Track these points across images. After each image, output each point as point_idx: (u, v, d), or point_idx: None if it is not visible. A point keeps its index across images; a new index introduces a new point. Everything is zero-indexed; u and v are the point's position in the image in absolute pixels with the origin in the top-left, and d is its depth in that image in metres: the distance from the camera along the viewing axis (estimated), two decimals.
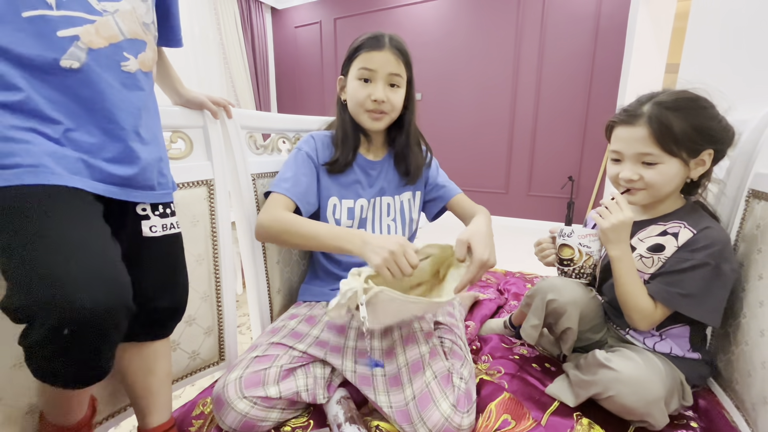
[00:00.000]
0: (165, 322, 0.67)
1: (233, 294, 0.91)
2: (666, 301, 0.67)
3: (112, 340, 0.48)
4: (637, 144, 0.67)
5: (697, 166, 0.67)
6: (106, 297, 0.45)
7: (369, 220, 0.90)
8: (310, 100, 4.33)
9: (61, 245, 0.45)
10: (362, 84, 0.82)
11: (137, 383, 0.67)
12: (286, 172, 0.84)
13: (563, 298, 0.74)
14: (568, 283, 0.75)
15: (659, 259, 0.70)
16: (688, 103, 0.65)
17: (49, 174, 0.48)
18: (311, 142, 0.88)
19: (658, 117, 0.65)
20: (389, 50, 0.80)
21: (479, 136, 3.44)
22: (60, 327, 0.42)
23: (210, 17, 3.66)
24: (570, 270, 0.74)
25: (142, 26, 0.59)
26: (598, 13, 2.81)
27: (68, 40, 0.50)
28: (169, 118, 0.78)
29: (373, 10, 3.68)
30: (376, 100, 0.81)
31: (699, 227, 0.67)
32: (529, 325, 0.80)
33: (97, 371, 0.49)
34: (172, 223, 0.65)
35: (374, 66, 0.80)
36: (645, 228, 0.74)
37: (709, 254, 0.65)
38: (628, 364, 0.63)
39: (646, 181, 0.68)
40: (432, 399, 0.63)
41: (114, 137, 0.55)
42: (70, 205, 0.49)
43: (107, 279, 0.47)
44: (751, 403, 0.65)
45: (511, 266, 1.70)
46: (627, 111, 0.70)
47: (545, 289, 0.77)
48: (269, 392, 0.67)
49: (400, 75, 0.82)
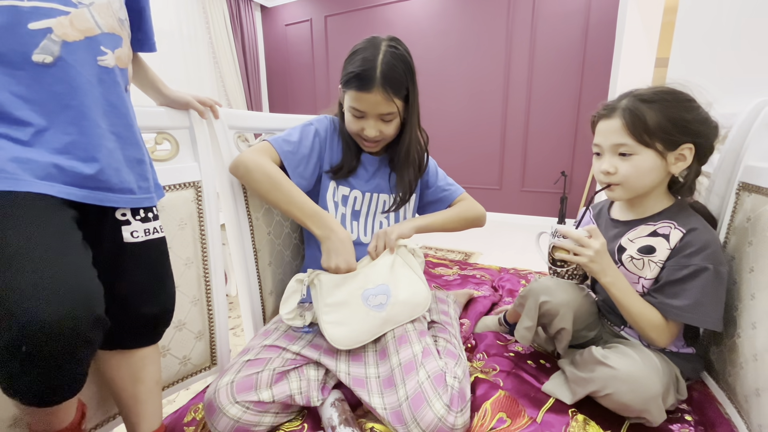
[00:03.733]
0: (152, 328, 0.66)
1: (224, 297, 0.90)
2: (677, 317, 0.66)
3: (78, 355, 0.44)
4: (613, 135, 0.68)
5: (677, 161, 0.67)
6: (67, 308, 0.41)
7: (363, 214, 0.90)
8: (302, 99, 4.30)
9: (15, 255, 0.41)
10: (355, 118, 0.81)
11: (125, 391, 0.65)
12: (292, 136, 0.83)
13: (556, 299, 0.74)
14: (561, 284, 0.75)
15: (653, 263, 0.69)
16: (664, 96, 0.66)
17: (11, 180, 0.45)
18: (325, 123, 0.88)
19: (631, 108, 0.66)
20: (378, 90, 0.75)
21: (472, 133, 3.44)
22: (15, 344, 0.39)
23: (198, 16, 3.61)
24: (563, 271, 0.74)
25: (118, 21, 0.57)
26: (588, 9, 2.82)
27: (40, 33, 0.48)
28: (154, 119, 0.76)
29: (364, 7, 3.66)
30: (367, 137, 0.81)
31: (687, 227, 0.68)
32: (522, 327, 0.79)
33: (64, 389, 0.46)
34: (155, 227, 0.63)
35: (363, 108, 0.78)
36: (634, 228, 0.74)
37: (706, 257, 0.65)
38: (625, 362, 0.63)
39: (621, 173, 0.68)
40: (425, 399, 0.62)
41: (90, 135, 0.52)
42: (31, 213, 0.45)
43: (70, 289, 0.43)
44: (744, 395, 0.65)
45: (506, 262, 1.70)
46: (606, 105, 0.71)
47: (537, 290, 0.77)
48: (262, 396, 0.66)
49: (391, 112, 0.79)
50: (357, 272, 0.76)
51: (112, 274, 0.56)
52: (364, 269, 0.78)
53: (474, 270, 1.48)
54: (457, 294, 1.14)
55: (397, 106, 0.79)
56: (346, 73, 0.78)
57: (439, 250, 2.64)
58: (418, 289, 0.80)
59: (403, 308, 0.77)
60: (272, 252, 0.97)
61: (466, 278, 1.38)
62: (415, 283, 0.81)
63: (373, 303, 0.75)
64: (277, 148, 0.80)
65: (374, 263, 0.79)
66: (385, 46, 0.76)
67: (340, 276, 0.75)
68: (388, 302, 0.76)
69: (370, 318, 0.74)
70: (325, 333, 0.73)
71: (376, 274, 0.78)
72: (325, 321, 0.73)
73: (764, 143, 0.69)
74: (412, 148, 0.88)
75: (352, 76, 0.76)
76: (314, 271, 0.75)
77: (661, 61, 3.03)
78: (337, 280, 0.75)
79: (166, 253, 0.67)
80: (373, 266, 0.79)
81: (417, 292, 0.80)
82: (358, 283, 0.76)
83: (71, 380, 0.46)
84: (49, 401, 0.47)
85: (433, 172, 0.99)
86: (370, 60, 0.75)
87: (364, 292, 0.75)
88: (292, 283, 0.75)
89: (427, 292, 0.81)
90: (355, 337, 0.74)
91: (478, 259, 2.48)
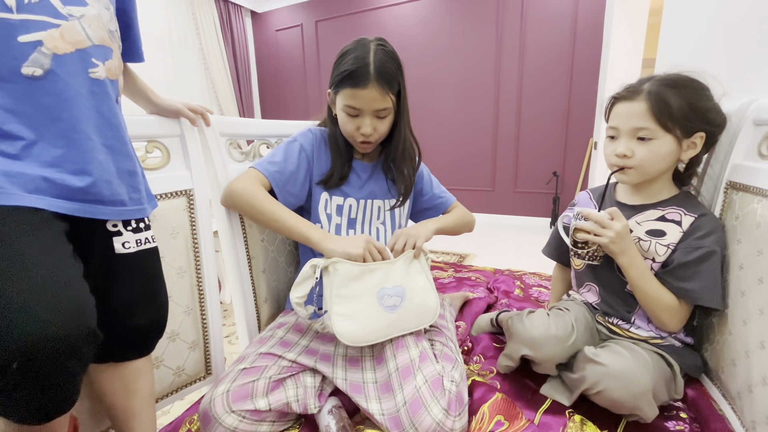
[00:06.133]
0: (144, 340, 0.65)
1: (218, 306, 0.89)
2: (691, 299, 0.68)
3: (71, 370, 0.43)
4: (635, 118, 0.68)
5: (689, 148, 0.69)
6: (59, 323, 0.41)
7: (359, 221, 0.89)
8: (294, 104, 4.30)
9: (5, 270, 0.41)
10: (350, 118, 0.81)
11: (118, 405, 0.64)
12: (276, 156, 0.83)
13: (541, 354, 0.71)
14: (549, 337, 0.71)
15: (662, 245, 0.71)
16: (686, 82, 0.68)
17: (0, 195, 0.44)
18: (309, 136, 0.87)
19: (656, 92, 0.67)
20: (374, 85, 0.75)
21: (464, 135, 3.46)
22: (5, 361, 0.38)
23: (188, 22, 3.59)
24: (584, 253, 0.74)
25: (108, 33, 0.57)
26: (575, 12, 2.86)
27: (30, 45, 0.47)
28: (144, 127, 0.76)
29: (355, 11, 3.67)
30: (364, 134, 0.81)
31: (697, 212, 0.70)
32: (503, 363, 0.79)
33: (56, 406, 0.44)
34: (147, 238, 0.63)
35: (359, 105, 0.78)
36: (642, 212, 0.75)
37: (715, 240, 0.68)
38: (615, 358, 0.64)
39: (639, 157, 0.69)
40: (423, 404, 0.62)
41: (80, 148, 0.52)
42: (21, 226, 0.45)
43: (62, 303, 0.42)
44: (737, 391, 0.66)
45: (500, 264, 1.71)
46: (629, 88, 0.71)
47: (522, 340, 0.73)
48: (258, 405, 0.65)
49: (386, 108, 0.79)
50: (377, 267, 0.74)
51: (104, 286, 0.55)
52: (384, 266, 0.75)
53: (469, 272, 1.48)
54: (452, 297, 1.14)
55: (392, 101, 0.80)
56: (338, 73, 0.78)
57: (434, 252, 2.64)
58: (430, 298, 0.79)
59: (414, 314, 0.76)
60: (266, 259, 0.97)
61: (461, 281, 1.38)
62: (429, 291, 0.79)
63: (387, 303, 0.73)
64: (263, 171, 0.80)
65: (394, 262, 0.77)
66: (374, 45, 0.78)
67: (360, 268, 0.72)
68: (401, 305, 0.74)
69: (381, 318, 0.72)
70: (334, 326, 0.70)
71: (395, 275, 0.76)
72: (336, 312, 0.71)
73: (750, 142, 0.71)
74: (407, 144, 0.89)
75: (345, 75, 0.76)
76: (333, 258, 0.72)
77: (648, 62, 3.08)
78: (355, 273, 0.72)
79: (158, 263, 0.66)
80: (392, 264, 0.76)
81: (429, 300, 0.79)
82: (377, 279, 0.74)
83: (63, 396, 0.45)
84: (41, 419, 0.45)
85: (428, 179, 1.00)
86: (362, 58, 0.75)
87: (381, 290, 0.74)
88: (306, 268, 0.72)
89: (437, 303, 0.80)
90: (363, 335, 0.71)
91: (473, 260, 2.49)
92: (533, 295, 1.27)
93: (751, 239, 0.64)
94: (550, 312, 0.79)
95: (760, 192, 0.65)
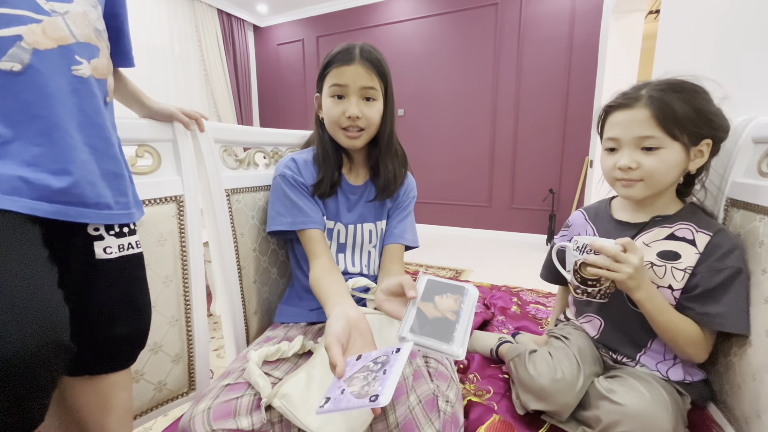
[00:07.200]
0: (124, 351, 0.61)
1: (205, 318, 0.86)
2: (718, 325, 0.62)
3: (39, 385, 0.40)
4: (637, 127, 0.62)
5: (696, 157, 0.63)
6: (28, 337, 0.38)
7: (349, 246, 0.86)
8: (293, 118, 4.32)
9: None
10: (336, 101, 0.79)
11: (92, 421, 0.60)
12: (275, 206, 0.81)
13: (553, 406, 0.67)
14: (557, 383, 0.66)
15: (679, 270, 0.64)
16: (688, 86, 0.63)
17: None
18: (292, 165, 0.83)
19: (659, 97, 0.61)
20: (360, 63, 0.76)
21: (462, 152, 3.48)
22: None
23: (191, 34, 3.64)
24: (595, 291, 0.65)
25: (95, 31, 0.55)
26: (571, 33, 2.93)
27: (9, 39, 0.46)
28: (135, 131, 0.74)
29: (356, 28, 3.74)
30: (351, 116, 0.77)
31: (712, 229, 0.64)
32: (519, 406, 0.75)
33: (21, 425, 0.40)
34: (131, 243, 0.60)
35: (345, 81, 0.77)
36: (648, 230, 0.68)
37: (737, 257, 0.62)
38: (632, 397, 0.59)
39: (646, 169, 0.63)
40: (416, 426, 0.59)
41: (61, 147, 0.49)
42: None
43: (31, 315, 0.39)
44: (744, 417, 0.63)
45: (497, 279, 1.68)
46: (625, 94, 0.66)
47: (530, 390, 0.69)
48: (241, 424, 0.61)
49: (373, 87, 0.78)
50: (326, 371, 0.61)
51: (81, 293, 0.52)
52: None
53: None
54: None
55: (379, 84, 0.79)
56: (324, 64, 0.80)
57: (430, 268, 2.61)
58: None
59: None
60: (258, 269, 0.94)
61: None
62: None
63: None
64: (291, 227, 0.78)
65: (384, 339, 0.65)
66: (360, 42, 0.81)
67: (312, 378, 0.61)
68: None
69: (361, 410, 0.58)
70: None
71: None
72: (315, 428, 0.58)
73: (750, 160, 0.70)
74: (393, 138, 0.87)
75: (330, 59, 0.79)
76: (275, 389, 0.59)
77: None
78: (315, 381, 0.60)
79: (142, 271, 0.63)
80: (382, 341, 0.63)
81: None
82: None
83: (29, 414, 0.41)
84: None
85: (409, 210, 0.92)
86: (348, 47, 0.79)
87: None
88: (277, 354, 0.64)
89: None
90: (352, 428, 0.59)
91: (469, 276, 2.46)
92: (531, 312, 1.24)
93: (755, 258, 0.63)
94: (551, 349, 0.73)
95: (762, 210, 0.64)
